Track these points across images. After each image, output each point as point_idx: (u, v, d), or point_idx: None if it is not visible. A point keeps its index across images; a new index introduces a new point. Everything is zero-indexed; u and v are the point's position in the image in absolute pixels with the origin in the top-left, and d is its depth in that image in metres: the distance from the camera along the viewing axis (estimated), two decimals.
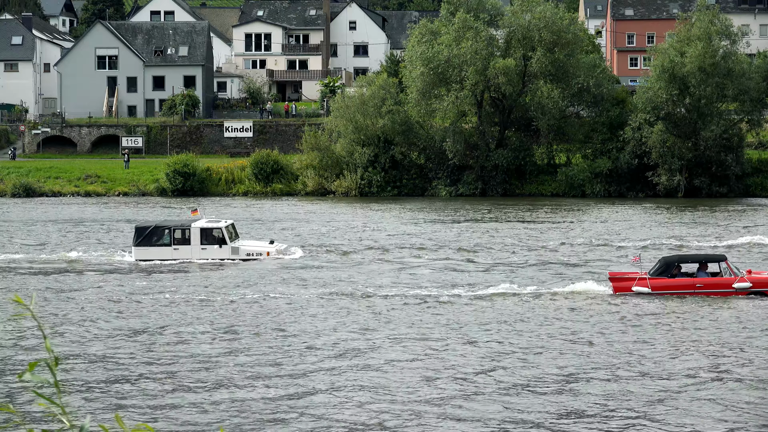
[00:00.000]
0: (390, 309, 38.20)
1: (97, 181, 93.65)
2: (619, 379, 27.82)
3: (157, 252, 51.13)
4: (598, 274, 44.91)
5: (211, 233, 51.53)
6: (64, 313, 37.73)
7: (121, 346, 32.25)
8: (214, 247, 51.28)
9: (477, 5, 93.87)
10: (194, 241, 51.32)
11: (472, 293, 41.34)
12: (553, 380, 27.69)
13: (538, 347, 31.64)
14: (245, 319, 36.53)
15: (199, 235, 51.38)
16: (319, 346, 31.87)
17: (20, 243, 58.47)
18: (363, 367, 29.08)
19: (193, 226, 51.69)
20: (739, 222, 66.79)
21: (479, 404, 25.34)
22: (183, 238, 51.45)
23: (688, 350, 31.22)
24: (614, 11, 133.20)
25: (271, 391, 26.68)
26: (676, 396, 26.10)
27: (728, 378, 27.92)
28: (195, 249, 51.29)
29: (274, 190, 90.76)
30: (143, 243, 51.21)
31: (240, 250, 51.48)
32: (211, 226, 51.95)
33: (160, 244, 51.35)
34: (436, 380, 27.56)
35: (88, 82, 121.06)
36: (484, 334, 33.69)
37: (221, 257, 51.15)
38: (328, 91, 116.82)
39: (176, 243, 51.36)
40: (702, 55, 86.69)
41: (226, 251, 51.28)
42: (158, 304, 39.72)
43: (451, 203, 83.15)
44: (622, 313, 37.20)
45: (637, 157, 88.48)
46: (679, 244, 55.65)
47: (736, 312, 37.45)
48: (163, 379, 28.05)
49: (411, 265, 49.13)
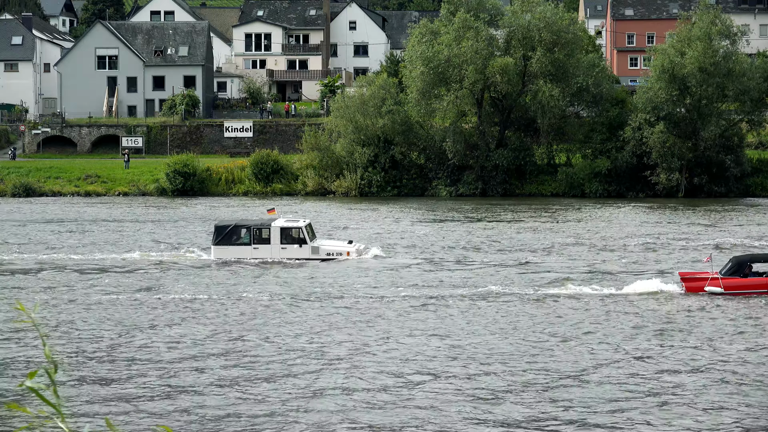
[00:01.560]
0: (496, 310, 37.90)
1: (97, 181, 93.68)
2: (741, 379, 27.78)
3: (236, 251, 50.90)
4: (665, 274, 44.77)
5: (291, 232, 51.19)
6: (148, 315, 37.46)
7: (212, 348, 31.99)
8: (294, 247, 50.90)
9: (477, 5, 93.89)
10: (274, 241, 50.96)
11: (562, 292, 41.22)
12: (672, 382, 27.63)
13: (646, 349, 31.45)
14: (340, 319, 36.38)
15: (279, 234, 51.02)
16: (433, 347, 31.77)
17: (89, 242, 58.21)
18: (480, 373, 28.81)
19: (273, 225, 51.32)
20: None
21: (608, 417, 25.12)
22: (263, 238, 51.12)
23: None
24: (614, 11, 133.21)
25: (385, 393, 26.65)
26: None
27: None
28: (275, 248, 50.93)
29: (274, 190, 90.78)
30: (223, 242, 50.99)
31: (320, 249, 51.07)
32: (291, 225, 51.64)
33: (240, 243, 51.12)
34: (547, 387, 27.26)
35: (88, 82, 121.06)
36: (593, 336, 33.52)
37: (301, 257, 50.71)
38: (328, 91, 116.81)
39: (256, 242, 51.06)
40: (702, 55, 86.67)
41: (306, 251, 50.89)
42: (257, 304, 39.38)
43: (450, 202, 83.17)
44: (712, 314, 36.81)
45: (637, 156, 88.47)
46: (738, 243, 55.36)
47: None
48: (268, 381, 27.89)
49: (491, 265, 48.58)
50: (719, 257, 46.18)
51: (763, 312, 37.51)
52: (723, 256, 47.97)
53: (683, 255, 51.49)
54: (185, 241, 58.19)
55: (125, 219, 71.12)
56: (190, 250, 53.47)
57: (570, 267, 47.83)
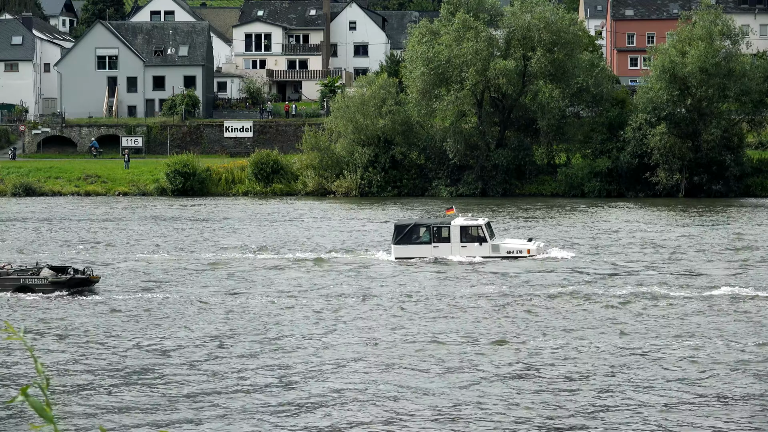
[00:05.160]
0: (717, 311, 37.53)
1: (97, 181, 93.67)
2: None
3: (416, 250, 50.93)
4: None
5: (470, 231, 51.11)
6: (330, 317, 37.54)
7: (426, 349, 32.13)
8: (474, 245, 50.79)
9: (477, 5, 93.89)
10: (454, 239, 50.95)
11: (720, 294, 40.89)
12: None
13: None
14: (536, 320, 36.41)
15: (459, 233, 51.02)
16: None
17: (271, 241, 58.40)
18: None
19: (453, 223, 51.37)
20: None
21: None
22: (443, 236, 51.11)
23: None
24: (614, 11, 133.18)
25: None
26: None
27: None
28: (455, 247, 50.89)
29: (274, 190, 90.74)
30: (403, 241, 51.04)
31: (500, 248, 50.92)
32: (471, 223, 51.58)
33: (420, 242, 51.20)
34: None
35: (88, 82, 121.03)
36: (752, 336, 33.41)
37: (481, 255, 50.59)
38: (328, 91, 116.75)
39: (436, 241, 51.05)
40: (703, 55, 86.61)
41: (486, 249, 50.76)
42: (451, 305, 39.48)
43: (452, 201, 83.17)
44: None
45: (637, 157, 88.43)
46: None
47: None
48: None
49: (690, 267, 48.03)
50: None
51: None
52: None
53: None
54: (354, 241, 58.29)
55: (283, 219, 71.26)
56: (375, 250, 53.52)
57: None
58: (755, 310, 37.83)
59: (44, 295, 42.11)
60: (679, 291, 41.67)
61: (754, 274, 46.06)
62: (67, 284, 42.78)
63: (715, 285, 42.74)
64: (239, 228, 65.67)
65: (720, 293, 40.86)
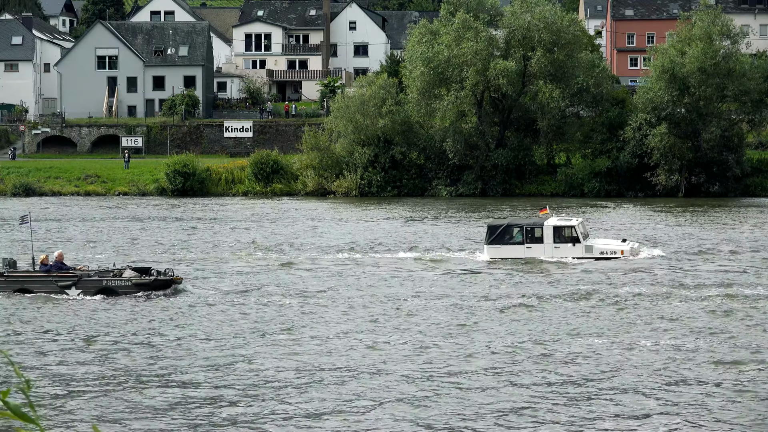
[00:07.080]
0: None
1: (97, 181, 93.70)
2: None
3: (509, 250, 50.60)
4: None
5: (564, 231, 50.79)
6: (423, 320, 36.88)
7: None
8: (567, 246, 50.42)
9: (477, 5, 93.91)
10: (547, 240, 50.59)
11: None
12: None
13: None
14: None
15: (552, 233, 50.68)
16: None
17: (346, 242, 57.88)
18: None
19: (546, 224, 51.04)
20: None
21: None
22: (536, 237, 50.85)
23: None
24: (614, 11, 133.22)
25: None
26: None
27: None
28: (548, 247, 50.55)
29: (274, 190, 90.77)
30: (495, 241, 50.76)
31: (594, 248, 50.53)
32: (564, 224, 51.25)
33: (513, 242, 50.87)
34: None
35: (88, 82, 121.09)
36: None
37: (574, 256, 50.25)
38: (328, 91, 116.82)
39: (529, 241, 50.77)
40: (703, 55, 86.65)
41: (579, 249, 50.36)
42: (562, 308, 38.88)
43: (451, 201, 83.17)
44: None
45: (637, 157, 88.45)
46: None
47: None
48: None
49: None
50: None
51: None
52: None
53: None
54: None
55: (350, 219, 70.67)
56: (470, 251, 53.13)
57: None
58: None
59: (128, 296, 40.94)
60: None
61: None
62: (151, 286, 41.62)
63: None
64: (319, 228, 64.81)
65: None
